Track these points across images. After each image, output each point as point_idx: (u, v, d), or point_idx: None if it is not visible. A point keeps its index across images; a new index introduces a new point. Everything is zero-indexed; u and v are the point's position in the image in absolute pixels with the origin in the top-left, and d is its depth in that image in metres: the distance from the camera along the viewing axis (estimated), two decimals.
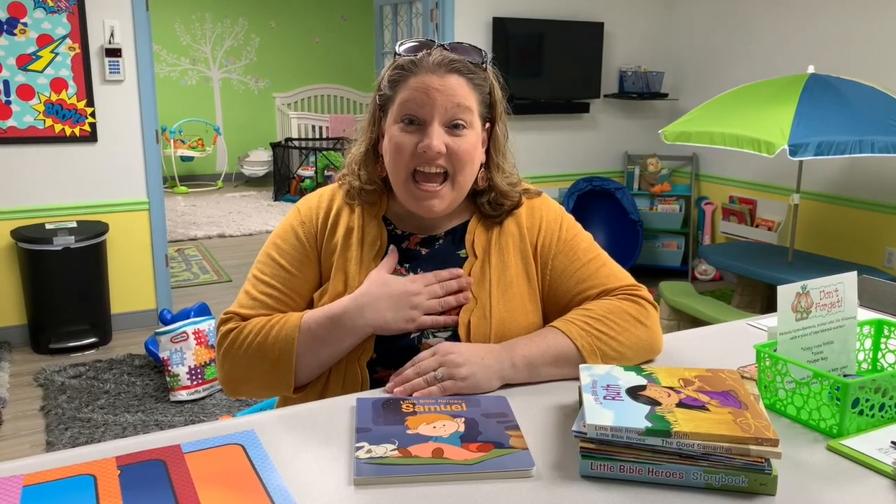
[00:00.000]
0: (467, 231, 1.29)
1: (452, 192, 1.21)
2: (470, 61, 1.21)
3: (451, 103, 1.17)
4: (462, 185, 1.22)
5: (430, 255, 1.27)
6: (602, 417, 0.88)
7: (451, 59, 1.19)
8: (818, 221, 4.58)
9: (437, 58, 1.19)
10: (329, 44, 9.44)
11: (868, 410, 0.99)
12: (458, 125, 1.19)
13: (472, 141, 1.21)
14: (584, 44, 5.08)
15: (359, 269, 1.23)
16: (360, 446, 0.92)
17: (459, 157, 1.19)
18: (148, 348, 3.55)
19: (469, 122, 1.20)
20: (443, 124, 1.18)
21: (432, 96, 1.17)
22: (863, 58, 4.22)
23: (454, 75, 1.18)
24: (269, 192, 8.40)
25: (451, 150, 1.18)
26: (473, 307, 1.22)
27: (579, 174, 5.28)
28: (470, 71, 1.20)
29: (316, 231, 1.28)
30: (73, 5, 3.76)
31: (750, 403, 0.92)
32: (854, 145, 3.30)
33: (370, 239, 1.26)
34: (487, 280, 1.24)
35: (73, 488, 0.83)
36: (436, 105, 1.17)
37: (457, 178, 1.20)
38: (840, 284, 1.11)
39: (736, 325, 1.45)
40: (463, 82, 1.19)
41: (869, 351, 1.20)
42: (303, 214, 1.30)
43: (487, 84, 1.24)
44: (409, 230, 1.29)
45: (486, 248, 1.27)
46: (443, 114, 1.17)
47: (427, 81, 1.17)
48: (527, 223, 1.30)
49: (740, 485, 0.85)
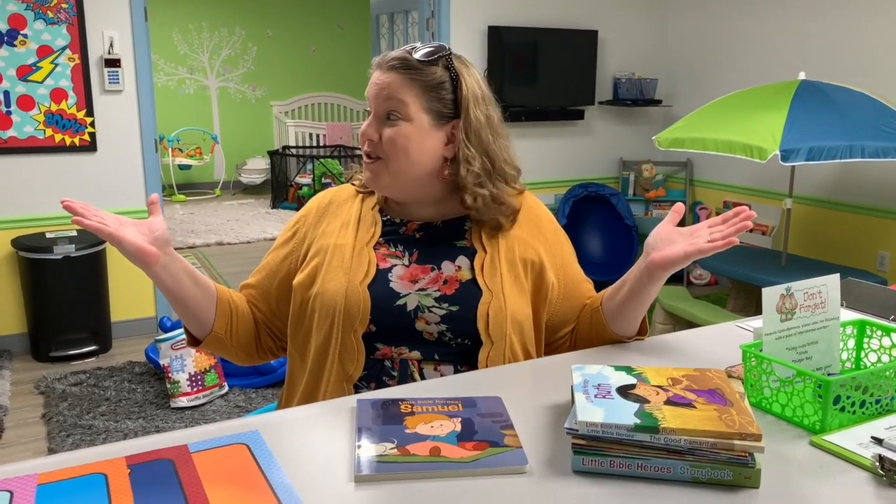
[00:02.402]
0: (468, 225, 1.38)
1: (388, 174, 1.32)
2: (417, 59, 1.30)
3: (383, 96, 1.30)
4: (398, 171, 1.32)
5: (425, 238, 1.36)
6: (593, 415, 0.92)
7: (392, 57, 1.32)
8: (811, 225, 4.63)
9: (384, 58, 1.33)
10: (326, 52, 9.50)
11: (850, 407, 1.03)
12: (391, 116, 1.30)
13: (405, 132, 1.30)
14: (578, 51, 5.13)
15: (351, 256, 1.33)
16: (361, 445, 0.96)
17: (388, 144, 1.30)
18: (148, 355, 3.58)
19: (404, 115, 1.30)
20: (380, 115, 1.31)
21: (373, 90, 1.32)
22: (853, 64, 4.27)
23: (391, 72, 1.31)
24: (266, 199, 8.44)
25: (383, 138, 1.31)
26: (490, 299, 1.29)
27: (575, 180, 5.33)
28: (407, 68, 1.30)
29: (308, 220, 1.43)
30: (73, 17, 3.81)
31: (735, 401, 0.96)
32: (845, 150, 3.34)
33: (365, 228, 1.37)
34: (498, 273, 1.32)
35: (86, 486, 0.86)
36: (375, 97, 1.32)
37: (390, 163, 1.31)
38: (823, 286, 1.15)
39: (724, 326, 1.49)
40: (398, 77, 1.30)
41: (852, 350, 1.24)
42: (308, 205, 1.47)
43: (435, 79, 1.31)
44: (406, 218, 1.39)
45: (493, 245, 1.35)
46: (379, 104, 1.31)
47: (374, 78, 1.33)
48: (524, 227, 1.39)
49: (725, 478, 0.89)
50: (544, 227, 1.43)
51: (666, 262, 1.25)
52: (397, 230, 1.37)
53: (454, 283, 1.31)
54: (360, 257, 1.32)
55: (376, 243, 1.35)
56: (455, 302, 1.29)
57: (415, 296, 1.29)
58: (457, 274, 1.32)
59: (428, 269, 1.32)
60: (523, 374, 1.25)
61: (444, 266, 1.33)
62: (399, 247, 1.35)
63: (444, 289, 1.30)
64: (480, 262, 1.33)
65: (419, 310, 1.29)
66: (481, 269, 1.32)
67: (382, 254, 1.34)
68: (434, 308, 1.29)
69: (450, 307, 1.29)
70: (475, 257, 1.34)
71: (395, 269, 1.32)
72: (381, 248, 1.35)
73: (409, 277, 1.31)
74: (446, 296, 1.30)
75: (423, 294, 1.30)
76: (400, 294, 1.29)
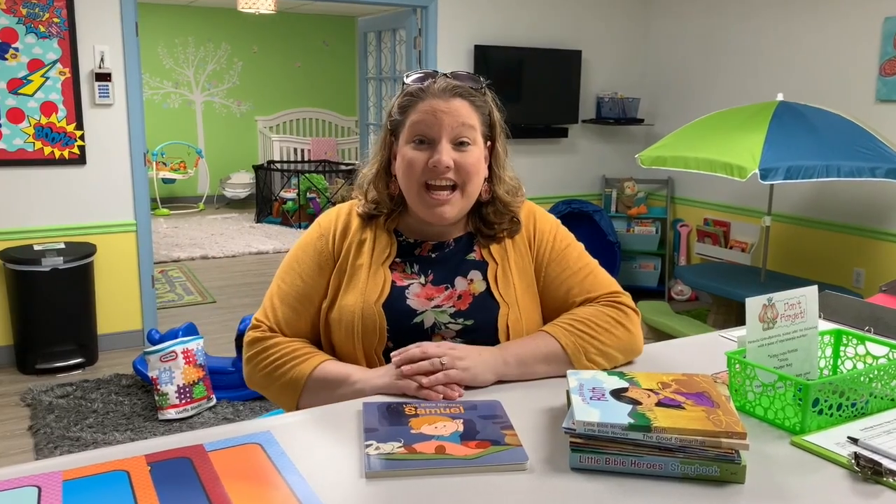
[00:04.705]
0: (476, 240, 1.42)
1: (462, 201, 1.35)
2: (470, 86, 1.35)
3: (456, 123, 1.32)
4: (470, 194, 1.36)
5: (440, 258, 1.40)
6: (589, 415, 0.97)
7: (455, 84, 1.34)
8: (789, 243, 4.74)
9: (443, 84, 1.34)
10: (311, 68, 9.58)
11: (827, 410, 1.10)
12: (464, 142, 1.33)
13: (476, 155, 1.35)
14: (562, 71, 5.24)
15: (367, 276, 1.35)
16: (370, 444, 1.01)
17: (466, 169, 1.32)
18: (136, 367, 3.59)
19: (472, 139, 1.34)
20: (450, 142, 1.32)
21: (440, 118, 1.31)
22: (830, 86, 4.41)
23: (458, 99, 1.33)
24: (251, 213, 8.46)
25: (459, 164, 1.32)
26: (507, 311, 1.35)
27: (558, 197, 5.42)
28: (471, 95, 1.35)
29: (333, 242, 1.40)
30: (65, 31, 3.84)
31: (722, 403, 1.02)
32: (822, 170, 3.45)
33: (380, 248, 1.38)
34: (511, 284, 1.38)
35: (110, 482, 0.90)
36: (443, 125, 1.31)
37: (465, 188, 1.34)
38: (803, 297, 1.22)
39: (709, 336, 1.56)
40: (465, 104, 1.34)
41: (830, 358, 1.31)
42: (322, 227, 1.43)
43: (487, 106, 1.39)
44: (420, 238, 1.41)
45: (502, 253, 1.40)
46: (450, 132, 1.32)
47: (435, 105, 1.32)
48: (525, 233, 1.44)
49: (713, 474, 0.95)
50: (539, 228, 1.46)
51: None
52: (412, 251, 1.40)
53: (468, 298, 1.36)
54: (375, 276, 1.35)
55: (393, 263, 1.38)
56: (470, 316, 1.35)
57: (431, 313, 1.34)
58: (469, 287, 1.37)
59: (442, 288, 1.37)
60: (518, 381, 1.30)
61: (458, 282, 1.37)
62: (415, 267, 1.39)
63: (458, 304, 1.35)
64: (494, 273, 1.38)
65: (436, 327, 1.34)
66: (495, 280, 1.37)
67: (399, 274, 1.38)
68: (450, 324, 1.34)
69: (465, 321, 1.34)
70: (487, 269, 1.39)
71: (412, 286, 1.36)
72: (398, 268, 1.38)
73: (425, 296, 1.35)
74: (461, 311, 1.35)
75: (439, 311, 1.34)
76: (417, 311, 1.34)
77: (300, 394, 1.29)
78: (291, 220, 7.90)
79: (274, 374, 1.32)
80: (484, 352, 1.27)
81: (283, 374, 1.31)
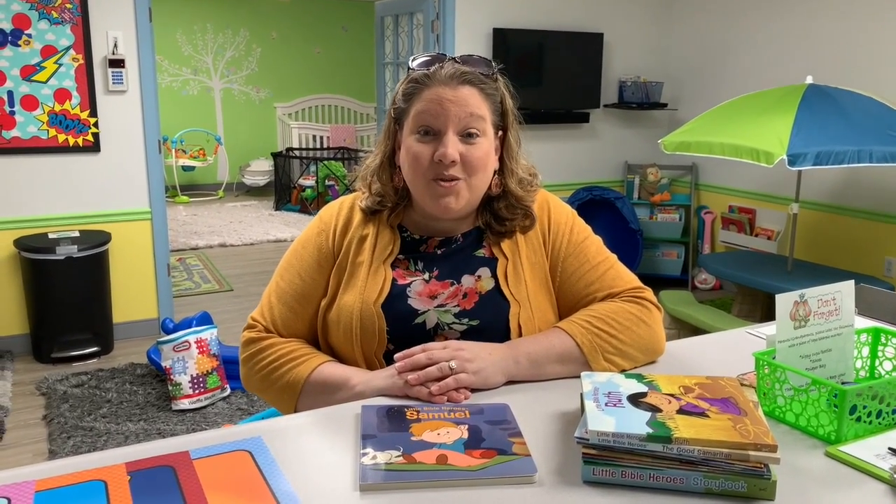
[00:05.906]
0: (485, 235, 1.32)
1: (468, 193, 1.24)
2: (481, 72, 1.25)
3: (463, 113, 1.21)
4: (477, 188, 1.26)
5: (446, 254, 1.31)
6: (604, 424, 0.89)
7: (463, 70, 1.23)
8: (817, 231, 4.60)
9: (450, 70, 1.23)
10: (330, 54, 9.50)
11: (866, 417, 1.01)
12: (472, 134, 1.23)
13: (485, 148, 1.24)
14: (584, 54, 5.12)
15: (367, 274, 1.27)
16: (366, 452, 0.94)
17: (473, 164, 1.22)
18: (150, 357, 3.56)
19: (482, 131, 1.24)
20: (457, 133, 1.22)
21: (446, 107, 1.21)
22: (861, 68, 4.25)
23: (466, 86, 1.23)
24: (270, 201, 8.43)
25: (465, 158, 1.22)
26: (518, 310, 1.26)
27: (579, 184, 5.30)
28: (481, 81, 1.24)
29: (334, 238, 1.32)
30: (78, 17, 3.79)
31: (749, 410, 0.93)
32: (852, 155, 3.32)
33: (382, 244, 1.30)
34: (522, 280, 1.28)
35: (85, 494, 0.84)
36: (450, 115, 1.21)
37: (471, 182, 1.24)
38: (838, 293, 1.13)
39: (735, 333, 1.47)
40: (475, 92, 1.23)
41: (867, 359, 1.22)
42: (323, 222, 1.35)
43: (498, 93, 1.28)
44: (426, 234, 1.32)
45: (513, 248, 1.31)
46: (456, 123, 1.21)
47: (441, 93, 1.21)
48: (539, 225, 1.33)
49: (740, 490, 0.86)
50: (555, 220, 1.35)
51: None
52: (417, 247, 1.32)
53: (473, 296, 1.27)
54: (375, 275, 1.27)
55: (396, 260, 1.30)
56: (475, 316, 1.26)
57: (433, 313, 1.25)
58: (476, 285, 1.28)
59: (447, 283, 1.28)
60: (530, 381, 1.22)
61: (464, 279, 1.28)
62: (419, 265, 1.30)
63: (463, 303, 1.26)
64: (503, 270, 1.29)
65: (439, 327, 1.25)
66: (505, 277, 1.28)
67: (401, 272, 1.29)
68: (454, 325, 1.25)
69: (470, 321, 1.25)
70: (497, 266, 1.29)
71: (414, 284, 1.27)
72: (401, 265, 1.30)
73: (427, 293, 1.26)
74: (466, 311, 1.26)
75: (443, 310, 1.25)
76: (418, 311, 1.25)
77: (297, 398, 1.22)
78: (310, 208, 7.86)
79: (270, 377, 1.25)
80: (494, 351, 1.18)
81: (280, 377, 1.24)
